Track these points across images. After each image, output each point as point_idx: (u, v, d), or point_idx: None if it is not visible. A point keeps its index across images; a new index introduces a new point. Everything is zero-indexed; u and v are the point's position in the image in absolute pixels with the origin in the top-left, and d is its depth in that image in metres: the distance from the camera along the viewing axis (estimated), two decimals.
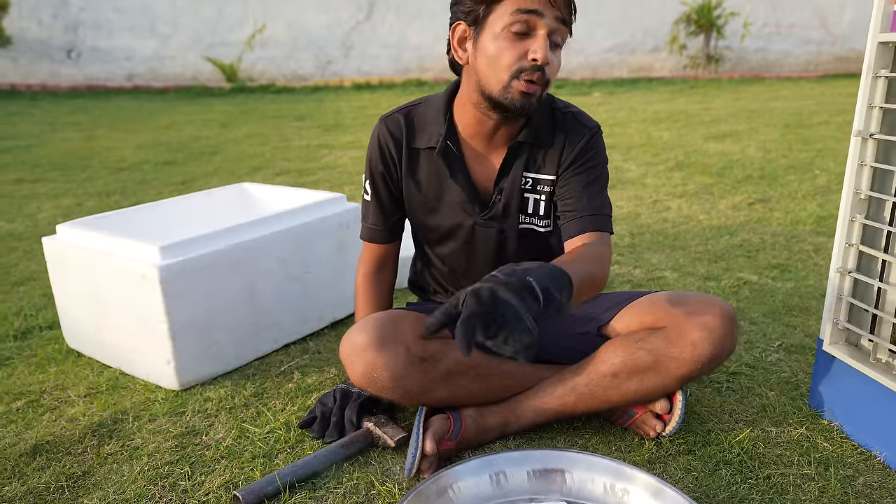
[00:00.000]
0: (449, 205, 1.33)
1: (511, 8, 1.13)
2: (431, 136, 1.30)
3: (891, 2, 1.13)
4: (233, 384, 1.60)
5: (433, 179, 1.32)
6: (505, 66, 1.15)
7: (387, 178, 1.35)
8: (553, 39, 1.17)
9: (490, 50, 1.16)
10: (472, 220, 1.33)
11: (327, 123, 6.07)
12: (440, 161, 1.29)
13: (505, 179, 1.30)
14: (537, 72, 1.15)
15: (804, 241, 2.57)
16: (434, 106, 1.32)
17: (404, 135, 1.31)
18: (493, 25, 1.16)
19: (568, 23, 1.18)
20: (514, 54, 1.14)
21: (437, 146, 1.28)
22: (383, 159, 1.34)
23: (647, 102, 7.18)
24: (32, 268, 2.45)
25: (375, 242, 1.42)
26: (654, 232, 2.74)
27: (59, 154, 4.76)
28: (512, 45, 1.14)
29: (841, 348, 1.34)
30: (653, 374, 1.26)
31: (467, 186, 1.30)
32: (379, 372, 1.21)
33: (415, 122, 1.32)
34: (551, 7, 1.14)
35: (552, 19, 1.14)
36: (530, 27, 1.14)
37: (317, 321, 1.89)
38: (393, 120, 1.33)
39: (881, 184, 1.24)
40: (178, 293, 1.52)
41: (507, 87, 1.16)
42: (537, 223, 1.35)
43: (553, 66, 1.18)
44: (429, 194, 1.33)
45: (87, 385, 1.60)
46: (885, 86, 1.18)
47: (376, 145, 1.34)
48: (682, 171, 3.85)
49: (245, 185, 2.17)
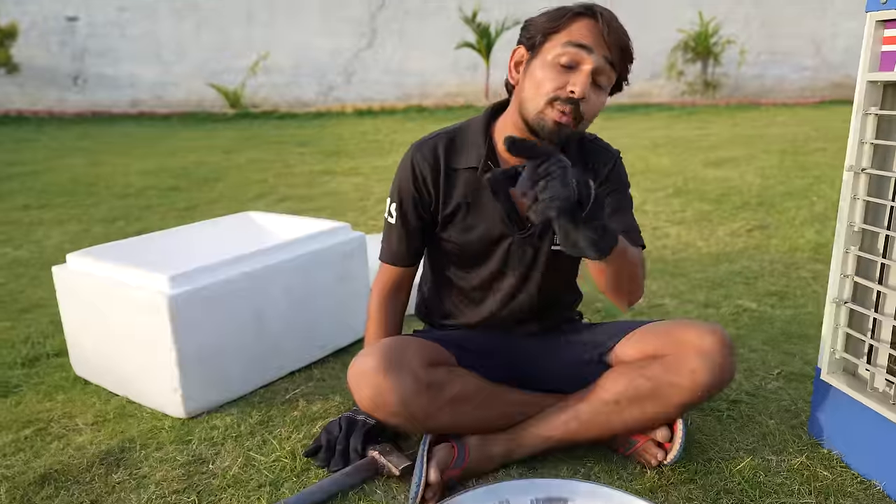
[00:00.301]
0: (488, 223, 1.34)
1: (564, 39, 1.19)
2: (471, 156, 1.32)
3: (878, 43, 1.18)
4: (239, 412, 1.62)
5: (474, 198, 1.34)
6: (544, 92, 1.19)
7: (418, 203, 1.36)
8: (598, 80, 1.21)
9: (536, 76, 1.21)
10: (509, 239, 1.35)
11: (329, 149, 6.14)
12: (482, 180, 1.31)
13: None
14: (570, 104, 1.18)
15: (802, 269, 2.60)
16: (474, 128, 1.35)
17: (442, 158, 1.33)
18: (546, 54, 1.21)
19: (616, 66, 1.21)
20: (555, 83, 1.19)
21: (480, 165, 1.31)
22: (416, 185, 1.35)
23: (646, 128, 7.26)
24: (39, 294, 2.47)
25: (396, 265, 1.43)
26: (653, 259, 2.77)
27: (65, 180, 4.81)
28: (556, 74, 1.19)
29: (838, 377, 1.36)
30: (653, 401, 1.28)
31: (507, 205, 1.32)
32: (386, 397, 1.23)
33: (454, 144, 1.34)
34: (602, 46, 1.19)
35: (600, 58, 1.19)
36: (577, 61, 1.19)
37: (320, 349, 1.91)
38: (428, 146, 1.35)
39: (874, 216, 1.28)
40: (186, 322, 1.54)
41: (541, 113, 1.20)
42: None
43: (591, 104, 1.21)
44: (469, 213, 1.35)
45: (94, 413, 1.62)
46: (874, 122, 1.22)
47: (409, 171, 1.35)
48: (681, 197, 3.89)
49: (251, 213, 2.21)
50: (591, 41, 1.18)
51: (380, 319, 1.45)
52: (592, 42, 1.18)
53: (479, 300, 1.44)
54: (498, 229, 1.34)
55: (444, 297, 1.48)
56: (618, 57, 1.21)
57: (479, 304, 1.44)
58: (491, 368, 1.41)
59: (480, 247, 1.37)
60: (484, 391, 1.36)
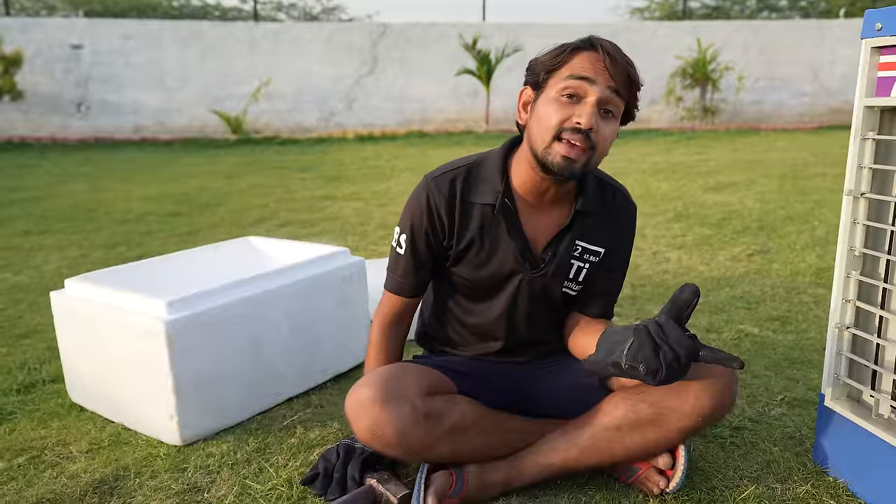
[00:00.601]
0: (501, 260, 1.34)
1: (566, 73, 1.19)
2: (487, 192, 1.31)
3: (874, 69, 1.19)
4: (235, 439, 1.60)
5: (488, 234, 1.33)
6: (550, 126, 1.19)
7: (430, 236, 1.35)
8: (606, 108, 1.20)
9: (542, 111, 1.22)
10: (521, 276, 1.34)
11: (330, 174, 6.17)
12: (499, 216, 1.31)
13: (559, 244, 1.33)
14: (578, 134, 1.17)
15: (804, 293, 2.59)
16: (491, 163, 1.34)
17: (458, 191, 1.32)
18: (550, 90, 1.21)
19: (623, 94, 1.20)
20: (560, 116, 1.19)
21: (497, 202, 1.30)
22: (430, 218, 1.33)
23: (646, 153, 7.30)
24: (37, 320, 2.46)
25: (402, 296, 1.41)
26: (654, 284, 2.76)
27: (66, 206, 4.83)
28: (561, 108, 1.19)
29: (842, 403, 1.34)
30: (655, 427, 1.26)
31: (521, 243, 1.32)
32: (384, 428, 1.21)
33: (470, 178, 1.33)
34: (605, 76, 1.18)
35: (604, 87, 1.18)
36: (581, 94, 1.18)
37: (320, 374, 1.90)
38: (443, 179, 1.33)
39: (874, 241, 1.27)
40: (184, 347, 1.53)
41: (548, 148, 1.20)
42: (573, 287, 1.38)
43: (602, 134, 1.20)
44: (482, 248, 1.34)
45: (89, 440, 1.60)
46: (872, 147, 1.22)
47: (424, 204, 1.33)
48: (682, 222, 3.89)
49: (250, 238, 2.21)
50: (593, 72, 1.18)
51: (381, 348, 1.44)
52: (594, 73, 1.18)
53: (486, 334, 1.43)
54: (510, 266, 1.34)
55: (446, 325, 1.47)
56: (623, 85, 1.20)
57: (486, 337, 1.43)
58: (490, 394, 1.39)
59: (491, 283, 1.36)
60: (483, 419, 1.34)
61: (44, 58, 9.63)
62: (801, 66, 10.76)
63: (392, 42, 10.37)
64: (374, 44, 10.36)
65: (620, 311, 2.43)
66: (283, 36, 10.23)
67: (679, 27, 10.72)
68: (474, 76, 9.85)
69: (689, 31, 10.60)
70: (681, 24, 10.78)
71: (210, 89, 10.08)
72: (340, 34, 10.34)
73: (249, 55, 10.13)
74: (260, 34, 10.14)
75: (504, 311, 1.38)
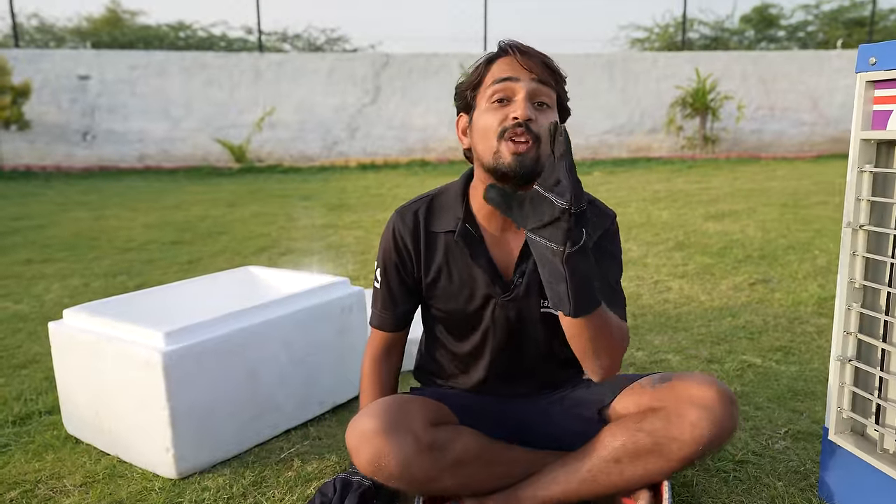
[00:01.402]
0: (470, 287, 1.33)
1: (489, 81, 1.22)
2: (450, 219, 1.32)
3: (870, 102, 1.19)
4: (231, 472, 1.58)
5: (455, 263, 1.33)
6: (490, 131, 1.20)
7: (400, 269, 1.36)
8: (538, 100, 1.21)
9: (479, 124, 1.24)
10: (493, 302, 1.32)
11: (332, 203, 6.19)
12: (461, 242, 1.30)
13: (526, 263, 1.31)
14: (520, 127, 1.18)
15: (807, 323, 2.57)
16: (452, 192, 1.35)
17: (422, 223, 1.33)
18: (480, 104, 1.24)
19: (550, 83, 1.22)
20: (497, 119, 1.20)
21: (457, 228, 1.30)
22: (398, 251, 1.34)
23: (647, 182, 7.33)
24: (35, 350, 2.45)
25: (384, 330, 1.42)
26: (655, 313, 2.75)
27: (69, 234, 4.85)
28: (495, 112, 1.21)
29: (846, 437, 1.32)
30: (655, 456, 1.24)
31: (488, 268, 1.31)
32: (386, 460, 1.19)
33: (433, 208, 1.34)
34: (526, 71, 1.20)
35: (528, 81, 1.20)
36: (509, 94, 1.20)
37: (318, 406, 1.88)
38: (408, 210, 1.35)
39: (874, 272, 1.27)
40: (181, 379, 1.52)
41: (497, 152, 1.20)
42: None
43: (542, 124, 1.20)
44: (451, 278, 1.33)
45: (83, 473, 1.58)
46: (870, 179, 1.22)
47: (391, 237, 1.35)
48: (683, 251, 3.89)
49: (250, 268, 2.21)
50: (514, 72, 1.21)
51: (374, 381, 1.43)
52: (515, 72, 1.21)
53: (471, 365, 1.42)
54: (481, 292, 1.32)
55: (439, 359, 1.46)
56: (546, 74, 1.22)
57: (471, 369, 1.42)
58: (491, 426, 1.38)
59: (466, 313, 1.35)
60: (486, 451, 1.32)
61: (51, 88, 9.75)
62: (801, 96, 10.86)
63: (394, 72, 10.50)
64: (377, 74, 10.49)
65: None
66: (287, 66, 10.37)
67: (678, 57, 10.84)
68: None
69: (688, 60, 10.72)
70: (680, 55, 10.91)
71: (214, 118, 10.18)
72: (343, 64, 10.48)
73: (253, 85, 10.25)
74: (264, 64, 10.28)
75: (482, 342, 1.37)
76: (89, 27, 12.91)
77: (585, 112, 10.42)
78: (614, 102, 10.72)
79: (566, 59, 10.40)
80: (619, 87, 10.71)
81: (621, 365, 2.19)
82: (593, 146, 10.70)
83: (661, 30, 13.83)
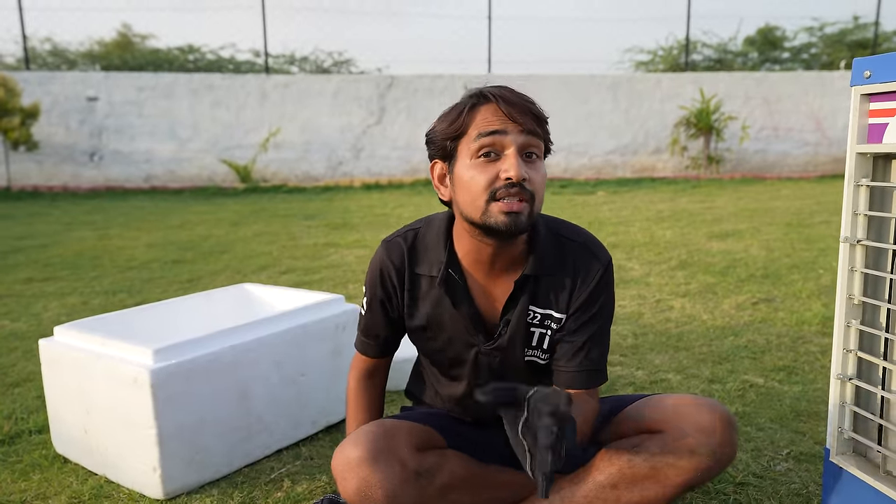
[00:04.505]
0: (452, 334, 1.28)
1: (474, 134, 1.13)
2: (433, 263, 1.25)
3: (865, 116, 1.18)
4: (220, 493, 1.55)
5: (436, 307, 1.27)
6: (479, 191, 1.12)
7: (386, 303, 1.32)
8: (528, 152, 1.14)
9: (464, 179, 1.14)
10: (475, 350, 1.28)
11: (335, 222, 6.19)
12: (442, 291, 1.24)
13: (511, 312, 1.24)
14: (513, 188, 1.11)
15: (810, 343, 2.53)
16: (434, 230, 1.28)
17: (406, 261, 1.27)
18: (463, 156, 1.15)
19: (538, 133, 1.15)
20: (486, 178, 1.12)
21: (439, 275, 1.23)
22: (384, 286, 1.30)
23: (650, 201, 7.31)
24: (30, 369, 2.43)
25: (367, 356, 1.39)
26: (657, 332, 2.71)
27: (72, 253, 4.85)
28: (483, 169, 1.12)
29: (848, 459, 1.29)
30: (652, 482, 1.21)
31: (471, 315, 1.25)
32: (373, 490, 1.14)
33: (417, 246, 1.28)
34: (513, 123, 1.12)
35: (518, 134, 1.12)
36: (498, 148, 1.12)
37: (310, 425, 1.85)
38: (394, 245, 1.29)
39: (874, 289, 1.24)
40: (169, 397, 1.50)
41: (485, 212, 1.12)
42: (540, 356, 1.29)
43: (535, 180, 1.13)
44: (432, 322, 1.29)
45: (69, 494, 1.55)
46: (867, 194, 1.20)
47: (377, 272, 1.29)
48: (685, 270, 3.86)
49: (246, 285, 2.19)
50: (501, 123, 1.12)
51: (358, 402, 1.39)
52: (502, 124, 1.12)
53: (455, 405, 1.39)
54: (464, 340, 1.28)
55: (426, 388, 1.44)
56: (533, 124, 1.13)
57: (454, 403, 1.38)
58: (480, 448, 1.34)
59: (448, 358, 1.32)
60: (475, 475, 1.29)
61: (60, 109, 9.85)
62: (804, 117, 10.86)
63: (399, 93, 10.57)
64: (382, 95, 10.56)
65: (623, 361, 2.38)
66: (293, 87, 10.45)
67: (682, 78, 10.88)
68: None
69: (692, 81, 10.75)
70: (683, 76, 10.95)
71: (220, 139, 10.26)
72: (348, 85, 10.56)
73: (259, 106, 10.33)
74: (270, 86, 10.37)
75: (467, 389, 1.32)
76: (101, 50, 13.07)
77: (590, 132, 10.44)
78: (618, 123, 10.75)
79: (571, 79, 10.46)
80: (623, 107, 10.75)
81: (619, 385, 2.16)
82: (597, 166, 10.71)
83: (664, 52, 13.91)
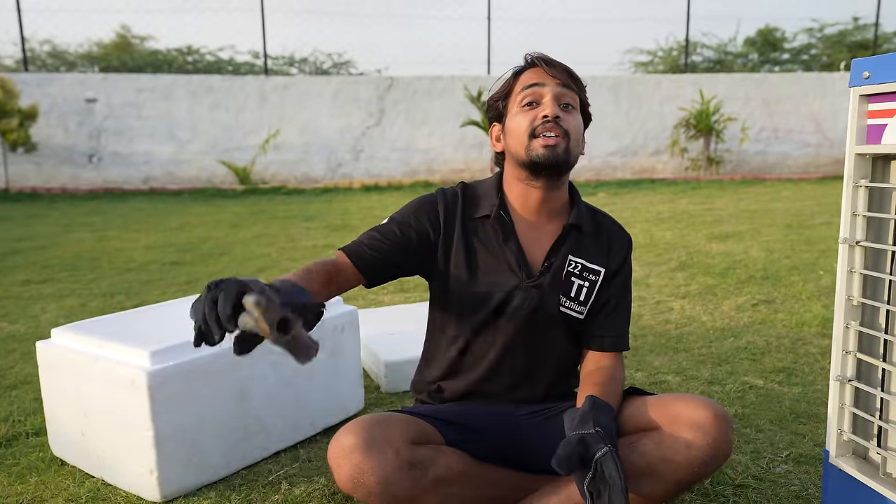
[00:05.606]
0: (496, 271, 1.35)
1: (518, 89, 1.34)
2: (485, 206, 1.39)
3: (864, 117, 1.17)
4: (217, 495, 1.54)
5: (486, 245, 1.37)
6: (522, 131, 1.31)
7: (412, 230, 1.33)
8: (564, 102, 1.32)
9: (511, 127, 1.34)
10: (516, 283, 1.34)
11: (335, 224, 6.19)
12: (495, 225, 1.35)
13: (555, 256, 1.36)
14: (549, 124, 1.28)
15: (810, 344, 2.53)
16: (488, 182, 1.44)
17: (460, 206, 1.39)
18: (512, 110, 1.35)
19: (573, 88, 1.33)
20: (528, 120, 1.31)
21: (492, 213, 1.36)
22: (430, 221, 1.36)
23: (650, 203, 7.31)
24: (27, 371, 2.43)
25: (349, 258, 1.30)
26: (656, 334, 2.70)
27: (70, 255, 4.85)
28: (526, 115, 1.32)
29: (848, 461, 1.28)
30: (648, 478, 1.21)
31: (517, 252, 1.35)
32: (366, 476, 1.15)
33: (470, 194, 1.41)
34: (550, 77, 1.33)
35: (555, 85, 1.32)
36: (538, 98, 1.32)
37: (309, 427, 1.84)
38: (451, 192, 1.41)
39: (873, 290, 1.23)
40: (166, 399, 1.49)
41: (528, 147, 1.30)
42: (576, 308, 1.37)
43: (569, 122, 1.31)
44: (480, 259, 1.36)
45: (66, 497, 1.55)
46: (865, 195, 1.19)
47: (424, 202, 1.38)
48: (685, 271, 3.85)
49: None
50: (541, 79, 1.33)
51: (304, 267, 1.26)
52: (542, 79, 1.33)
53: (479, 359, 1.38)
54: (507, 275, 1.35)
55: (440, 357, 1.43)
56: (569, 79, 1.33)
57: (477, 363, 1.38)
58: (481, 445, 1.34)
59: (487, 292, 1.35)
60: (472, 472, 1.28)
61: (58, 111, 9.85)
62: (805, 118, 10.87)
63: (398, 94, 10.57)
64: (381, 96, 10.56)
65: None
66: (292, 89, 10.46)
67: (682, 79, 10.89)
68: (479, 127, 9.99)
69: (692, 83, 10.76)
70: (683, 77, 10.95)
71: (219, 141, 10.26)
72: (348, 87, 10.56)
73: (258, 108, 10.33)
74: (269, 87, 10.37)
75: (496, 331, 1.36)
76: (100, 52, 13.07)
77: (591, 133, 10.41)
78: (619, 124, 10.76)
79: None
80: (623, 109, 10.75)
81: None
82: (598, 167, 10.71)
83: (664, 53, 13.91)
